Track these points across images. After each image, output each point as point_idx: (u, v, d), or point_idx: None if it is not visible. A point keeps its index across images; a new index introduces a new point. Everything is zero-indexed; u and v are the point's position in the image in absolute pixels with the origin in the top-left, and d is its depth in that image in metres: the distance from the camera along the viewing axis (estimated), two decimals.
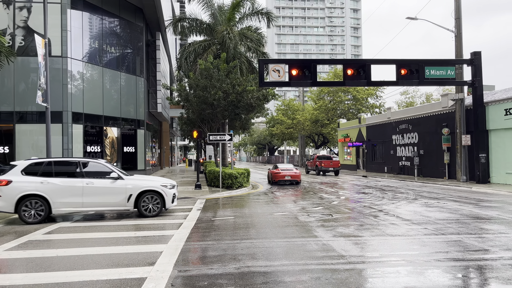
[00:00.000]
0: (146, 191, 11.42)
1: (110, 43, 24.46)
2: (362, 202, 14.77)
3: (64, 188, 10.79)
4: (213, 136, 20.08)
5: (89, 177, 11.11)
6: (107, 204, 11.18)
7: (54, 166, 11.10)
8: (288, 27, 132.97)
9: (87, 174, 11.15)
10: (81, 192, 10.89)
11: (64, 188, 10.79)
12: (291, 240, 8.27)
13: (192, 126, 28.71)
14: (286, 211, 12.58)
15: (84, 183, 10.94)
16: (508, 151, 21.08)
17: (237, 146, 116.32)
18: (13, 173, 10.69)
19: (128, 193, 11.24)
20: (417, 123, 29.70)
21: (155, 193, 11.51)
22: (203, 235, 8.98)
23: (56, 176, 10.90)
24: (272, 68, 20.68)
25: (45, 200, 10.64)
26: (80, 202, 10.91)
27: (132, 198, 11.26)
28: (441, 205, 13.64)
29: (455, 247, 7.46)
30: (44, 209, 10.65)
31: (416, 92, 52.66)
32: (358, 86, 35.69)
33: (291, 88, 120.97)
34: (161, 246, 7.79)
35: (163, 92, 29.96)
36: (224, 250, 7.45)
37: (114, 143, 24.56)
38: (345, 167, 44.51)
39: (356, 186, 22.11)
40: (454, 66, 21.89)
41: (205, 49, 27.20)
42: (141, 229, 9.67)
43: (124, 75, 25.46)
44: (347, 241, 8.11)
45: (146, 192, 11.41)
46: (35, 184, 10.62)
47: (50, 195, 10.64)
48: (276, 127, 59.08)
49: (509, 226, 9.52)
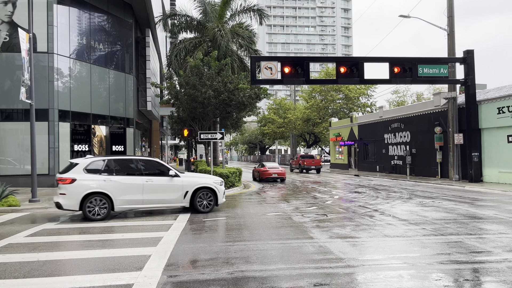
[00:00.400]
0: (201, 188, 11.85)
1: (98, 39, 23.87)
2: (356, 201, 14.50)
3: (125, 185, 10.96)
4: (204, 135, 19.68)
5: (148, 175, 11.40)
6: (165, 201, 11.52)
7: (114, 164, 11.24)
8: (279, 27, 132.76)
9: (145, 172, 11.44)
10: (141, 189, 11.12)
11: (125, 186, 10.95)
12: (286, 242, 7.92)
13: (183, 124, 28.23)
14: (279, 211, 12.24)
15: (144, 181, 11.18)
16: (501, 150, 21.02)
17: (228, 145, 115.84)
18: (76, 171, 10.70)
19: (185, 190, 11.62)
20: (409, 122, 29.59)
21: (209, 190, 11.94)
22: (194, 237, 8.60)
23: (117, 174, 11.04)
24: (264, 65, 20.33)
25: (108, 197, 10.75)
26: (140, 200, 11.14)
27: (188, 195, 11.69)
28: (437, 204, 13.42)
29: (456, 249, 7.18)
30: (107, 206, 10.76)
31: (407, 91, 52.80)
32: (351, 84, 35.53)
33: (283, 88, 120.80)
34: (149, 249, 7.39)
35: (153, 90, 29.39)
36: (216, 253, 7.08)
37: (103, 142, 23.99)
38: (337, 166, 44.37)
39: (349, 185, 21.88)
40: (447, 64, 21.77)
41: (196, 47, 26.76)
42: (129, 231, 9.24)
43: (113, 72, 24.88)
44: (344, 242, 7.79)
45: (200, 189, 11.83)
46: (98, 182, 10.71)
47: (112, 192, 10.78)
48: (267, 126, 58.77)
49: (509, 226, 9.30)
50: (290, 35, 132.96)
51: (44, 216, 11.79)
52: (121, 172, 11.14)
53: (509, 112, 20.26)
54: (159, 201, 11.39)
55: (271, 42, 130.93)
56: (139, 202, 11.14)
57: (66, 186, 10.47)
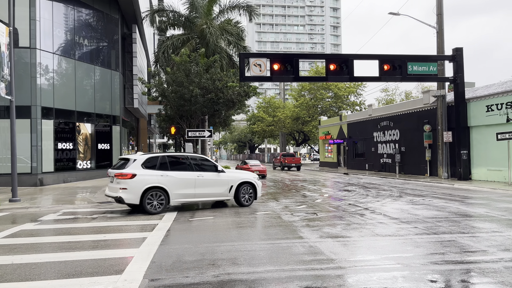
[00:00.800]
0: (244, 182, 12.60)
1: (83, 35, 23.29)
2: (346, 200, 14.29)
3: (180, 180, 11.51)
4: (192, 133, 19.32)
5: (198, 170, 12.02)
6: (214, 195, 12.22)
7: (169, 160, 11.78)
8: (268, 25, 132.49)
9: (196, 168, 12.05)
10: (193, 184, 11.74)
11: (180, 181, 11.51)
12: (275, 242, 7.64)
13: (171, 122, 27.78)
14: (268, 210, 11.96)
15: (195, 176, 11.80)
16: (489, 147, 21.04)
17: (218, 144, 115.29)
18: (135, 167, 11.12)
19: (230, 185, 12.34)
20: (399, 120, 29.56)
21: (249, 184, 12.70)
22: (180, 237, 8.26)
23: (172, 170, 11.55)
24: (253, 62, 20.01)
25: (165, 192, 11.25)
26: (193, 194, 11.76)
27: (232, 189, 12.39)
28: (427, 202, 13.28)
29: (450, 248, 6.97)
30: (164, 200, 11.23)
31: (396, 89, 52.98)
32: (340, 81, 35.38)
33: (272, 86, 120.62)
34: (132, 251, 7.04)
35: (140, 87, 28.87)
36: (202, 254, 6.76)
37: (88, 140, 23.43)
38: (326, 164, 44.30)
39: (338, 184, 21.70)
40: (436, 62, 21.72)
41: (183, 43, 26.35)
42: (111, 232, 8.86)
43: (98, 69, 24.33)
44: (335, 242, 7.53)
45: (243, 184, 12.59)
46: (156, 177, 11.18)
47: (169, 187, 11.28)
48: (256, 124, 58.50)
49: (501, 224, 9.15)
50: (279, 33, 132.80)
51: (24, 216, 11.32)
52: (175, 168, 11.71)
53: (498, 110, 20.28)
54: (209, 195, 12.09)
55: (261, 41, 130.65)
56: (192, 196, 11.79)
57: (127, 181, 10.91)
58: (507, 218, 9.93)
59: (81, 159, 22.69)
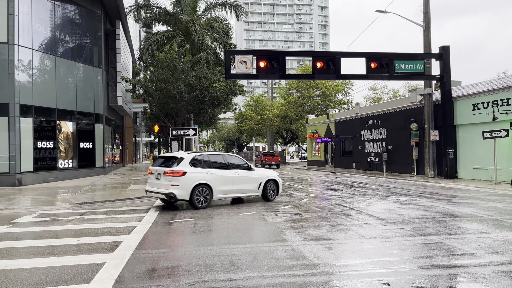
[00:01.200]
0: (269, 180, 13.65)
1: (64, 31, 22.63)
2: (332, 199, 14.05)
3: (221, 177, 12.32)
4: (176, 131, 18.90)
5: (234, 168, 12.88)
6: (246, 191, 13.10)
7: (210, 159, 12.55)
8: (256, 23, 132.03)
9: (232, 166, 12.89)
10: (231, 181, 12.59)
11: (221, 178, 12.32)
12: (256, 245, 7.31)
13: (156, 121, 27.27)
14: (252, 210, 11.63)
15: (233, 174, 12.69)
16: (475, 146, 21.03)
17: (206, 143, 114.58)
18: (184, 165, 11.74)
19: (259, 182, 13.36)
20: (386, 119, 29.50)
21: (274, 181, 13.81)
22: (157, 241, 7.88)
23: (214, 168, 12.35)
24: (239, 59, 19.64)
25: (210, 188, 12.00)
26: (230, 190, 12.58)
27: (261, 186, 13.41)
28: (414, 202, 13.10)
29: (437, 251, 6.73)
30: (209, 196, 11.99)
31: (385, 88, 53.08)
32: (327, 79, 35.17)
33: (260, 84, 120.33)
34: (104, 256, 6.64)
35: (124, 84, 28.29)
36: (179, 260, 6.40)
37: (70, 139, 22.80)
38: (313, 163, 44.17)
39: (325, 183, 21.49)
40: (423, 60, 21.62)
41: (168, 40, 25.86)
42: (86, 235, 8.43)
43: (80, 65, 23.69)
44: (319, 245, 7.23)
45: (269, 181, 13.63)
46: (202, 174, 11.91)
47: (213, 183, 12.05)
48: (244, 123, 58.10)
49: (488, 225, 8.97)
50: (268, 32, 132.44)
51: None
52: (216, 166, 12.49)
53: (484, 109, 20.27)
54: (243, 191, 12.96)
55: (249, 39, 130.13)
56: (230, 192, 12.60)
57: (178, 178, 11.48)
58: (494, 218, 9.77)
59: (62, 158, 22.07)
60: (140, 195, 15.36)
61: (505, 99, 19.10)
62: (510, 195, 14.69)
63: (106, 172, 26.46)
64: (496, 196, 14.55)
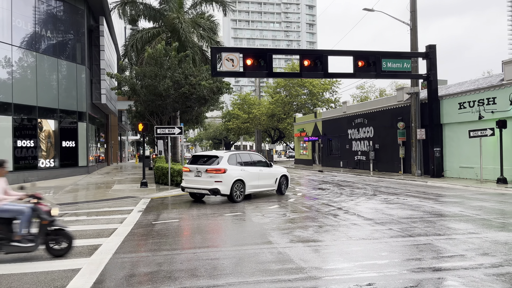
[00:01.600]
0: (282, 175, 15.08)
1: (46, 27, 22.01)
2: (320, 199, 13.86)
3: (251, 174, 13.52)
4: (161, 130, 18.48)
5: (258, 165, 14.14)
6: (267, 186, 14.37)
7: (241, 157, 13.64)
8: (244, 22, 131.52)
9: (256, 163, 14.16)
10: (258, 177, 13.83)
11: (251, 174, 13.52)
12: (241, 248, 7.05)
13: (142, 119, 26.75)
14: (238, 211, 11.37)
15: (258, 170, 13.95)
16: (461, 145, 21.10)
17: (193, 141, 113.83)
18: (223, 163, 12.76)
19: (276, 177, 14.74)
20: (373, 117, 29.49)
21: (285, 176, 15.26)
22: (138, 244, 7.56)
23: (245, 165, 13.46)
24: (225, 57, 19.31)
25: (243, 183, 13.09)
26: (257, 185, 13.80)
27: (277, 181, 14.82)
28: (401, 201, 12.99)
29: (427, 253, 6.56)
30: (243, 191, 13.07)
31: (372, 87, 53.26)
32: (315, 77, 35.02)
33: (248, 83, 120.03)
34: (81, 261, 6.31)
35: (109, 82, 27.72)
36: (159, 264, 6.10)
37: (51, 137, 22.21)
38: (301, 162, 44.07)
39: (312, 182, 21.33)
40: (410, 59, 21.59)
41: (153, 37, 25.36)
42: None
43: (63, 62, 23.09)
44: (306, 247, 7.01)
45: (282, 176, 15.05)
46: (238, 171, 13.00)
47: (246, 179, 13.17)
48: (232, 121, 57.73)
49: (476, 224, 8.86)
50: (255, 30, 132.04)
51: None
52: (246, 163, 13.60)
53: (470, 108, 20.33)
54: (264, 186, 14.22)
55: (237, 37, 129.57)
56: (256, 187, 13.78)
57: (221, 175, 12.53)
58: (482, 218, 9.68)
59: (44, 157, 21.48)
60: (123, 195, 14.97)
61: (490, 98, 19.17)
62: (496, 194, 14.71)
63: (90, 172, 25.90)
64: (483, 195, 14.55)
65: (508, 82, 18.22)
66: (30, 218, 6.43)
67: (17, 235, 6.31)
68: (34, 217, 6.46)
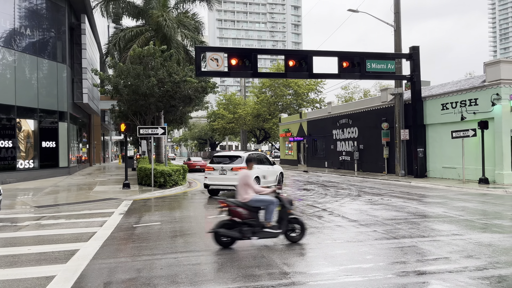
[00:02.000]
0: (280, 172, 17.36)
1: (25, 24, 21.42)
2: (304, 200, 13.78)
3: (263, 171, 15.50)
4: (144, 130, 18.18)
5: (266, 164, 16.19)
6: (271, 182, 16.05)
7: (255, 157, 15.13)
8: (230, 21, 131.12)
9: (265, 162, 16.23)
10: (267, 174, 15.81)
11: (263, 172, 15.48)
12: (224, 252, 6.87)
13: (125, 119, 26.26)
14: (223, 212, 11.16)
15: (266, 168, 15.95)
16: (444, 145, 21.32)
17: (178, 141, 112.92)
18: (243, 161, 14.37)
19: (276, 174, 16.85)
20: (357, 118, 29.63)
21: (281, 174, 17.56)
22: (117, 249, 7.32)
23: (258, 164, 15.18)
24: (210, 56, 19.11)
25: (259, 179, 14.92)
26: (267, 181, 15.58)
27: (277, 178, 16.92)
28: (386, 202, 13.00)
29: (411, 255, 6.50)
30: None
31: (356, 88, 53.59)
32: (300, 78, 35.02)
33: (233, 83, 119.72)
34: (56, 268, 6.05)
35: (91, 80, 27.18)
36: (138, 270, 5.89)
37: (31, 137, 21.63)
38: (286, 162, 44.06)
39: (297, 182, 21.27)
40: (394, 60, 21.72)
41: (137, 36, 24.93)
42: (40, 243, 7.76)
43: (43, 61, 22.51)
44: (290, 251, 6.88)
45: (280, 174, 17.25)
46: (256, 169, 14.37)
47: (260, 176, 15.11)
48: (217, 121, 57.44)
49: (460, 226, 8.87)
50: (241, 30, 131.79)
51: None
52: (258, 162, 15.27)
53: (453, 108, 20.55)
54: (271, 182, 15.96)
55: (222, 37, 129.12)
56: (266, 183, 15.26)
57: None
58: (465, 219, 9.71)
59: (23, 158, 20.91)
60: (105, 196, 14.64)
61: (472, 99, 19.41)
62: (478, 194, 14.86)
63: (71, 172, 25.35)
64: (465, 195, 14.67)
65: (490, 83, 18.47)
66: (275, 207, 7.32)
67: (268, 222, 7.22)
68: (278, 207, 7.34)
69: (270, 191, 7.40)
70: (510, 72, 18.22)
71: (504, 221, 9.38)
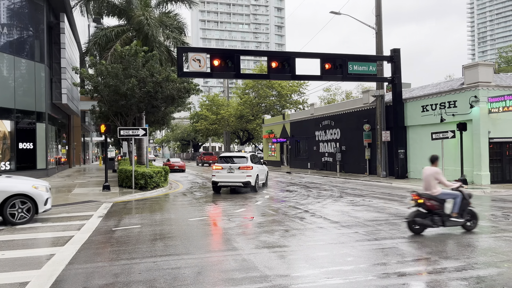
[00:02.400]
0: (267, 171, 19.65)
1: (2, 23, 20.83)
2: (287, 201, 13.76)
3: (260, 170, 17.26)
4: (125, 131, 17.89)
5: (260, 164, 17.92)
6: (263, 179, 18.13)
7: (255, 157, 17.36)
8: (213, 22, 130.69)
9: (259, 162, 17.89)
10: (261, 172, 17.55)
11: (260, 170, 17.25)
12: (204, 256, 6.78)
13: (106, 120, 25.81)
14: (204, 215, 11.07)
15: (262, 167, 17.84)
16: (424, 147, 21.63)
17: (160, 143, 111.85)
18: (250, 162, 16.17)
19: (265, 173, 18.79)
20: (339, 119, 29.84)
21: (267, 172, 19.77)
22: (95, 253, 7.14)
23: (257, 163, 17.07)
24: (192, 57, 18.96)
25: (258, 177, 16.67)
26: (261, 178, 17.43)
27: (266, 176, 19.01)
28: (367, 203, 13.08)
29: (392, 257, 6.52)
30: (258, 182, 16.69)
31: (338, 89, 54.03)
32: (282, 79, 35.14)
33: (216, 84, 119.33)
34: (30, 274, 5.85)
35: (70, 81, 26.63)
36: (116, 275, 5.74)
37: (7, 139, 21.04)
38: (269, 163, 44.03)
39: (280, 183, 21.27)
40: (375, 62, 21.96)
41: (118, 35, 24.54)
42: (14, 247, 7.51)
43: (20, 60, 21.94)
44: (271, 253, 6.82)
45: (267, 172, 19.55)
46: (256, 168, 16.47)
47: (259, 174, 16.85)
48: (200, 122, 57.10)
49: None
50: (224, 31, 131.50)
51: None
52: (256, 162, 17.07)
53: (432, 110, 20.87)
54: (262, 179, 17.90)
55: (205, 38, 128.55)
56: (261, 180, 17.35)
57: (250, 171, 15.96)
58: None
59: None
60: (84, 199, 14.32)
61: (452, 101, 19.75)
62: None
63: (50, 175, 24.77)
64: None
65: (468, 86, 18.82)
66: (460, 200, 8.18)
67: (455, 212, 8.15)
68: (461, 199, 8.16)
69: (456, 186, 8.30)
70: (488, 75, 18.62)
71: (482, 222, 9.53)
